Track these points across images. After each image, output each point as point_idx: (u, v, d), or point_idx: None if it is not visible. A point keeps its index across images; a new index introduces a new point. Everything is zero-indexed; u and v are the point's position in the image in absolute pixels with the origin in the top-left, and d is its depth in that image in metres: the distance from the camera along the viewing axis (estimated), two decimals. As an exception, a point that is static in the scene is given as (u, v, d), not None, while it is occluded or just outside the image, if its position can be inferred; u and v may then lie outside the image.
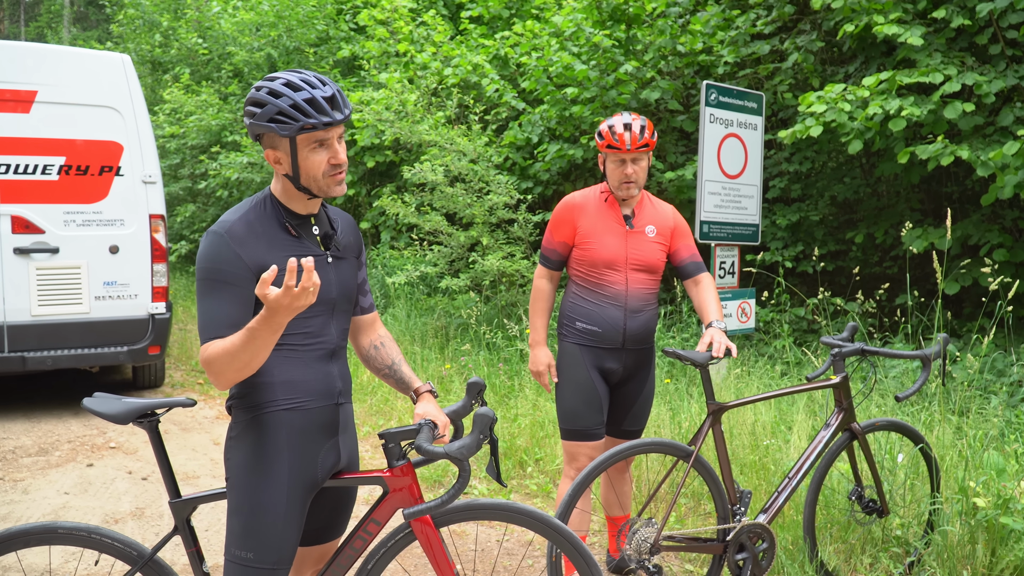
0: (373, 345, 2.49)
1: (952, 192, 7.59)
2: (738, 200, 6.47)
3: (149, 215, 6.83)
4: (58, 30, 33.84)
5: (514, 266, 7.91)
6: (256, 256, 2.10)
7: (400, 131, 9.06)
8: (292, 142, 2.09)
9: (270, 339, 1.97)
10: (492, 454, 2.34)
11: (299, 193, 2.19)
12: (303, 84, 2.08)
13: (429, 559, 2.33)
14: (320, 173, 2.13)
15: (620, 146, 3.38)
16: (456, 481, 2.15)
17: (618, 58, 8.16)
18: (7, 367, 6.42)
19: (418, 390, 2.44)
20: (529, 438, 5.60)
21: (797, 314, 7.26)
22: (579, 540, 2.39)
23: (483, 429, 2.15)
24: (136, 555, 2.35)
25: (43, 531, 2.31)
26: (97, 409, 2.32)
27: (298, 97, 2.05)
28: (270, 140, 2.12)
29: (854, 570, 3.76)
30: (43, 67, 6.48)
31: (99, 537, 2.34)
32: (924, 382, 3.41)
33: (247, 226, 2.12)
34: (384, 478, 2.30)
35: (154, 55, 17.12)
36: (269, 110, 2.05)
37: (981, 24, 6.12)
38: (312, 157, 2.11)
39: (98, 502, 4.85)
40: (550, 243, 3.60)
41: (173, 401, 2.37)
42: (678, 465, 3.99)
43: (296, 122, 2.04)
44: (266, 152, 2.15)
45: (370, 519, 2.33)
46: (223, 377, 2.04)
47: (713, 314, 3.41)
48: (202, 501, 2.35)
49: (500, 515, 2.37)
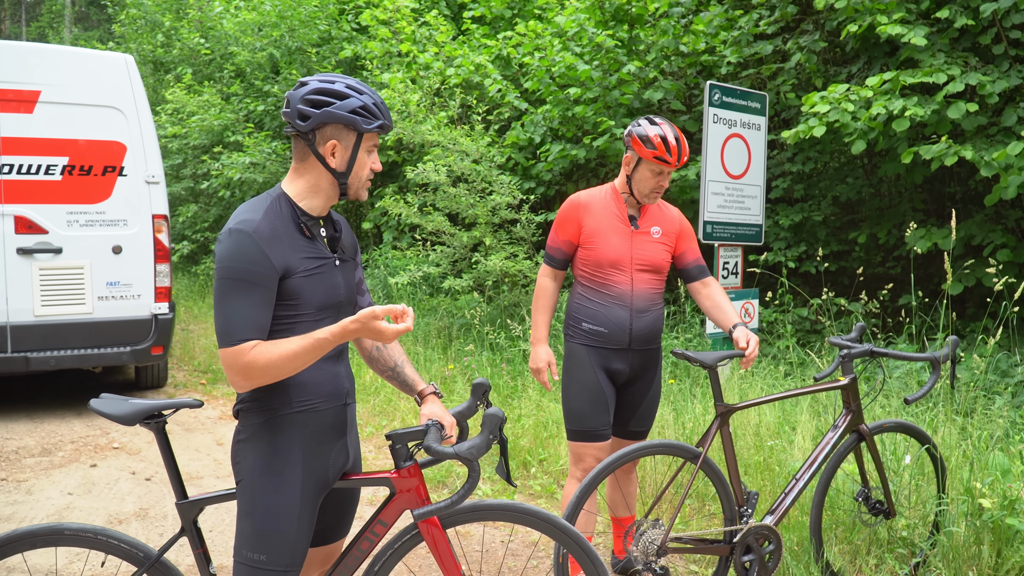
0: (376, 346, 2.49)
1: (955, 192, 7.59)
2: (741, 200, 6.46)
3: (152, 215, 6.83)
4: (59, 30, 33.86)
5: (517, 266, 7.91)
6: (282, 257, 2.09)
7: (403, 131, 9.05)
8: (359, 138, 2.17)
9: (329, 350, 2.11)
10: (502, 455, 2.34)
11: (322, 192, 2.21)
12: (366, 89, 2.19)
13: (436, 560, 2.32)
14: (365, 174, 2.23)
15: (671, 160, 3.36)
16: (466, 482, 2.15)
17: (621, 58, 8.16)
18: (10, 367, 6.42)
19: (423, 392, 2.44)
20: (533, 438, 5.60)
21: (800, 314, 7.25)
22: (587, 541, 2.39)
23: (493, 429, 2.15)
24: (143, 556, 2.35)
25: (50, 532, 2.31)
26: (104, 410, 2.31)
27: (375, 98, 2.18)
28: (335, 132, 2.16)
29: (859, 571, 3.75)
30: (46, 67, 6.48)
31: (105, 538, 2.34)
32: (934, 385, 3.39)
33: (271, 226, 2.11)
34: (391, 479, 2.30)
35: (156, 55, 17.12)
36: (352, 102, 2.14)
37: (984, 24, 6.12)
38: (366, 157, 2.22)
39: (102, 503, 4.85)
40: (555, 242, 3.59)
41: (180, 402, 2.36)
42: (685, 467, 3.98)
43: (376, 119, 2.16)
44: (324, 145, 2.17)
45: (377, 520, 2.33)
46: (262, 381, 2.06)
47: (735, 316, 3.47)
48: (209, 502, 2.34)
49: (508, 516, 2.36)
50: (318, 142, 2.16)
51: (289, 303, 2.13)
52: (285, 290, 2.11)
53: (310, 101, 2.13)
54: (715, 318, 3.54)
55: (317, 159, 2.17)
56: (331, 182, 2.21)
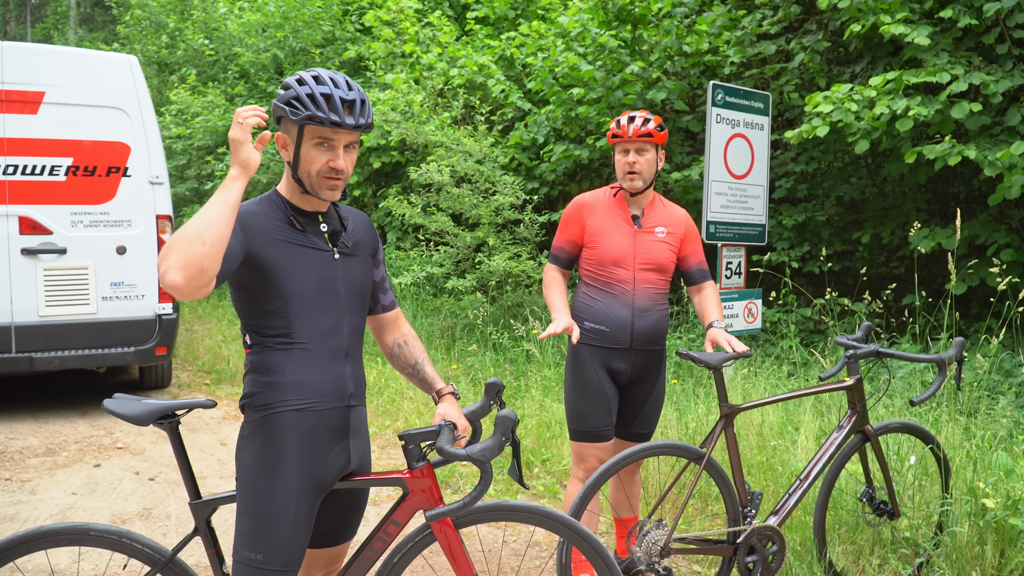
0: (397, 343, 2.49)
1: (959, 192, 7.57)
2: (744, 200, 6.46)
3: (156, 216, 6.84)
4: (64, 31, 33.94)
5: (520, 266, 7.92)
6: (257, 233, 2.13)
7: (406, 132, 9.06)
8: (300, 130, 2.14)
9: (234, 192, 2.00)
10: (514, 456, 2.33)
11: (293, 187, 2.22)
12: (328, 80, 2.13)
13: (449, 561, 2.32)
14: (315, 170, 2.16)
15: (622, 134, 3.46)
16: (478, 483, 2.14)
17: (624, 58, 8.15)
18: (15, 367, 6.44)
19: (440, 391, 2.44)
20: (536, 439, 5.60)
21: (804, 314, 7.25)
22: (599, 542, 2.38)
23: (505, 431, 2.14)
24: (157, 556, 2.35)
25: (74, 532, 2.31)
26: (117, 410, 2.31)
27: (317, 89, 2.10)
28: (285, 124, 2.17)
29: (863, 571, 3.75)
30: (51, 68, 6.50)
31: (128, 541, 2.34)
32: (940, 386, 3.38)
33: (257, 212, 2.17)
34: (404, 479, 2.30)
35: (160, 56, 17.15)
36: (289, 94, 2.12)
37: (988, 24, 6.11)
38: (312, 152, 2.15)
39: (105, 503, 4.86)
40: (559, 242, 3.63)
41: (194, 403, 2.36)
42: (689, 467, 3.98)
43: (305, 111, 2.09)
44: (277, 135, 2.20)
45: (390, 520, 2.33)
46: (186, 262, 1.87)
47: (714, 315, 3.47)
48: (222, 502, 2.34)
49: (523, 517, 2.36)
50: (277, 134, 2.21)
51: (273, 288, 2.14)
52: (263, 270, 2.13)
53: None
54: (700, 318, 3.59)
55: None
56: (290, 176, 2.23)
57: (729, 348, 3.26)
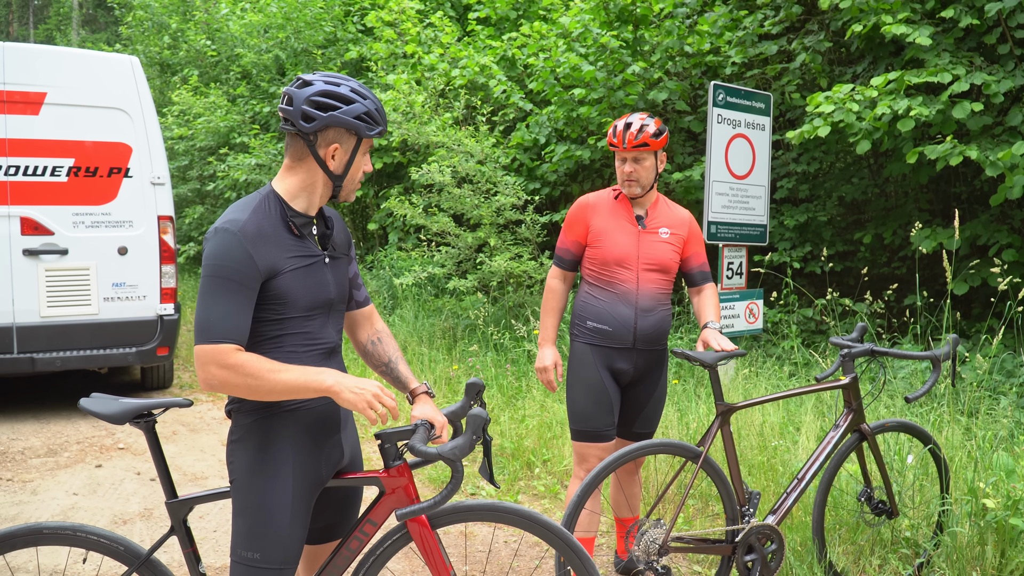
0: (371, 340, 2.49)
1: (961, 192, 7.56)
2: (746, 201, 6.46)
3: (158, 216, 6.85)
4: (67, 32, 34.00)
5: (521, 267, 7.92)
6: (267, 257, 2.10)
7: (408, 132, 9.07)
8: (359, 142, 2.20)
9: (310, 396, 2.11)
10: (485, 455, 2.34)
11: (316, 192, 2.21)
12: (368, 93, 2.19)
13: (425, 561, 2.32)
14: (359, 177, 2.25)
15: (618, 144, 3.46)
16: (449, 482, 2.15)
17: (625, 59, 8.15)
18: (16, 368, 6.45)
19: (415, 391, 2.44)
20: (537, 439, 5.60)
21: (805, 315, 7.24)
22: (570, 536, 2.37)
23: (476, 430, 2.15)
24: (132, 555, 2.35)
25: (28, 532, 2.30)
26: (94, 409, 2.33)
27: (373, 105, 2.17)
28: (336, 135, 2.17)
29: (863, 571, 3.74)
30: (52, 69, 6.51)
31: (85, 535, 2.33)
32: (934, 383, 3.39)
33: (257, 225, 2.11)
34: (380, 478, 2.30)
35: (163, 57, 17.17)
36: (357, 108, 2.15)
37: (990, 24, 6.10)
38: (362, 161, 2.24)
39: (107, 503, 4.87)
40: (563, 243, 3.64)
41: (169, 402, 2.38)
42: (686, 466, 3.98)
43: (378, 126, 2.18)
44: (326, 147, 2.17)
45: (366, 520, 2.33)
46: (235, 388, 2.06)
47: (710, 315, 3.50)
48: (199, 501, 2.35)
49: (492, 516, 2.35)
50: (319, 144, 2.16)
51: (277, 302, 2.14)
52: (272, 290, 2.12)
53: (316, 103, 2.13)
54: (697, 318, 3.61)
55: (316, 160, 2.18)
56: (326, 183, 2.22)
57: (719, 348, 3.27)
